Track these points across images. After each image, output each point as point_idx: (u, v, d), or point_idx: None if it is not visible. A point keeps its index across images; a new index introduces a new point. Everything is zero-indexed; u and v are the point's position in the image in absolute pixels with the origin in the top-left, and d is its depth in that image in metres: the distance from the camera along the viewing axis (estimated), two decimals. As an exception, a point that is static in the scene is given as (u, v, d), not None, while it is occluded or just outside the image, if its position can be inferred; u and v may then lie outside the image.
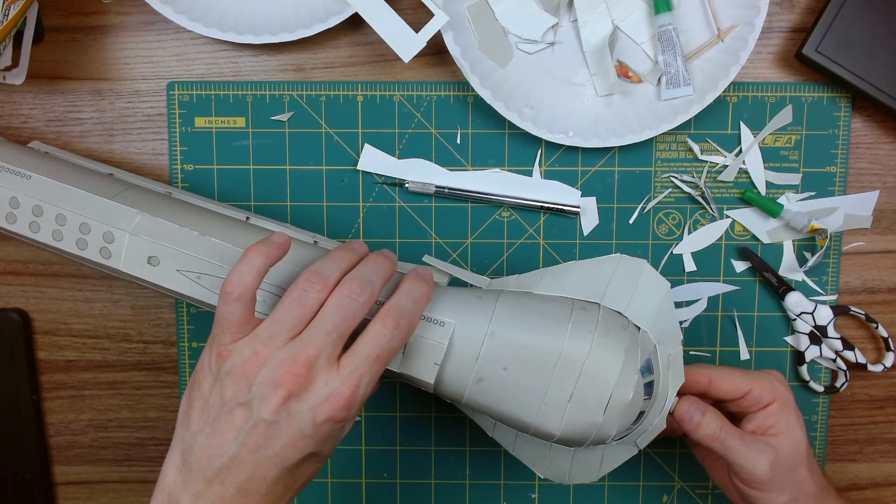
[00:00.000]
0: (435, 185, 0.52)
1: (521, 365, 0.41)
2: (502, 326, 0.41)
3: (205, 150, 0.53)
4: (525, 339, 0.41)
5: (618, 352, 0.40)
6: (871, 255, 0.53)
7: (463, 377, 0.41)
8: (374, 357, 0.37)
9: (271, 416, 0.36)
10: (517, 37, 0.50)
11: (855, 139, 0.52)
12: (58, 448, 0.57)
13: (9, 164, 0.46)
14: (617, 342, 0.41)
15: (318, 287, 0.38)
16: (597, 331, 0.41)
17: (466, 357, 0.41)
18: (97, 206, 0.45)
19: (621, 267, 0.44)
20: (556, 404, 0.40)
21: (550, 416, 0.41)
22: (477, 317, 0.42)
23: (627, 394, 0.40)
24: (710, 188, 0.52)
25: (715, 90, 0.48)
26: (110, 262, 0.44)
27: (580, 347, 0.40)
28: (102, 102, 0.53)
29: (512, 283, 0.45)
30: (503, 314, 0.42)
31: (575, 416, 0.40)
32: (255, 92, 0.52)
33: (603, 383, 0.40)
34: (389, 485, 0.56)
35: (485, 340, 0.41)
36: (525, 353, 0.41)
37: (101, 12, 0.52)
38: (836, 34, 0.49)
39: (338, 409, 0.36)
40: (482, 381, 0.41)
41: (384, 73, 0.52)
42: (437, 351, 0.41)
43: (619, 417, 0.41)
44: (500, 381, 0.41)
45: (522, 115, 0.50)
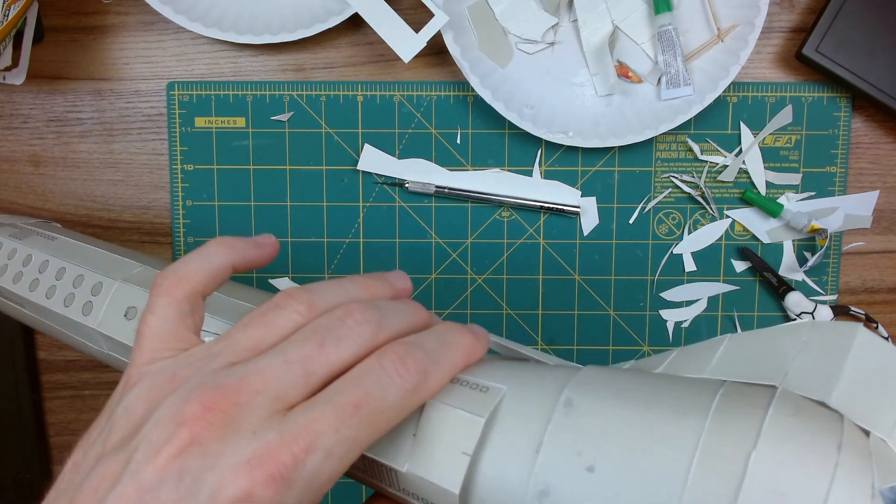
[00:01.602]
0: (435, 185, 0.52)
1: (621, 461, 0.22)
2: (587, 394, 0.24)
3: (205, 150, 0.53)
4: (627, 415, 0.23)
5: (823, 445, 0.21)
6: (871, 255, 0.53)
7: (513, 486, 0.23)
8: (350, 406, 0.22)
9: (152, 476, 0.21)
10: (517, 37, 0.50)
11: (855, 139, 0.52)
12: (58, 448, 0.57)
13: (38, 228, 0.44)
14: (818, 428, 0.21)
15: (300, 307, 0.25)
16: (773, 405, 0.22)
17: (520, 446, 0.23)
18: (102, 260, 0.39)
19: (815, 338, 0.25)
20: None
21: None
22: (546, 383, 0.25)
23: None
24: (710, 188, 0.52)
25: (715, 90, 0.48)
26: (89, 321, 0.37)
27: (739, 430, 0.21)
28: (102, 102, 0.53)
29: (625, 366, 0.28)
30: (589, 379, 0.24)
31: None
32: (255, 92, 0.52)
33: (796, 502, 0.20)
34: (389, 485, 0.56)
35: (554, 415, 0.23)
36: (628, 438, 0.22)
37: (101, 12, 0.52)
38: (837, 34, 0.49)
39: (261, 480, 0.21)
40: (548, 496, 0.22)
41: (384, 73, 0.52)
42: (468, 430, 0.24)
43: None
44: (583, 493, 0.22)
45: (522, 115, 0.50)
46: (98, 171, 0.54)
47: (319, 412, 0.22)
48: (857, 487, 0.20)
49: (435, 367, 0.24)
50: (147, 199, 0.54)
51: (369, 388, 0.22)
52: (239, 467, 0.21)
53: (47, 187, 0.54)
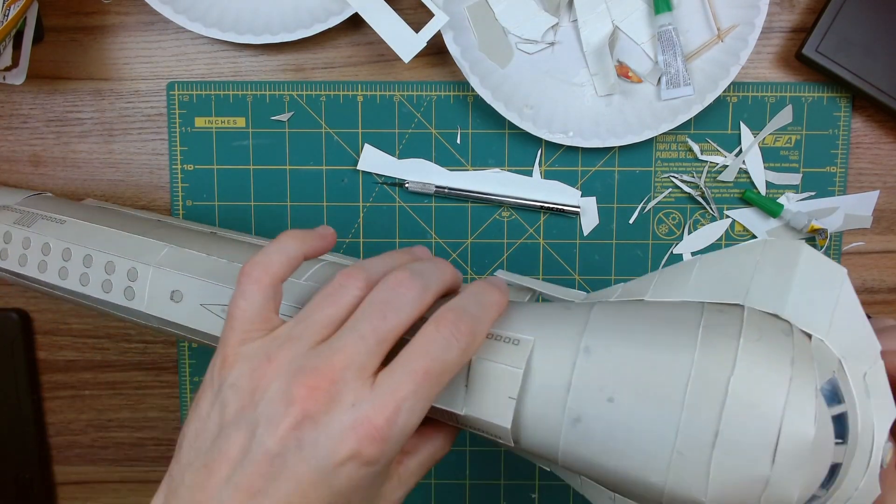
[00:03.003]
0: (435, 185, 0.52)
1: (633, 392, 0.28)
2: (601, 338, 0.29)
3: (205, 150, 0.53)
4: (635, 353, 0.29)
5: (781, 363, 0.27)
6: (871, 255, 0.53)
7: (552, 417, 0.29)
8: (421, 372, 0.27)
9: (277, 445, 0.27)
10: (517, 37, 0.50)
11: (855, 139, 0.52)
12: (58, 448, 0.57)
13: (45, 212, 0.44)
14: (777, 350, 0.27)
15: (359, 283, 0.30)
16: (742, 335, 0.27)
17: (554, 386, 0.29)
18: (124, 242, 0.40)
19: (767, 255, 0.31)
20: (695, 449, 0.27)
21: (689, 470, 0.27)
22: (565, 330, 0.30)
23: (806, 428, 0.26)
24: (710, 188, 0.52)
25: (715, 90, 0.48)
26: (134, 304, 0.39)
27: (720, 359, 0.27)
28: (102, 102, 0.53)
29: (615, 292, 0.34)
30: (601, 324, 0.30)
31: (726, 466, 0.26)
32: (255, 92, 0.52)
33: (762, 414, 0.26)
34: (389, 485, 0.56)
35: (577, 360, 0.29)
36: (637, 373, 0.28)
37: (101, 12, 0.52)
38: (837, 34, 0.49)
39: (365, 440, 0.27)
40: (580, 422, 0.29)
41: (384, 73, 0.52)
42: (510, 380, 0.30)
43: (800, 468, 0.26)
44: (607, 419, 0.28)
45: (522, 115, 0.50)
46: (98, 171, 0.54)
47: (399, 380, 0.27)
48: (805, 392, 0.26)
49: (479, 326, 0.29)
50: (147, 199, 0.54)
51: (435, 355, 0.28)
52: (346, 433, 0.27)
53: (47, 187, 0.54)
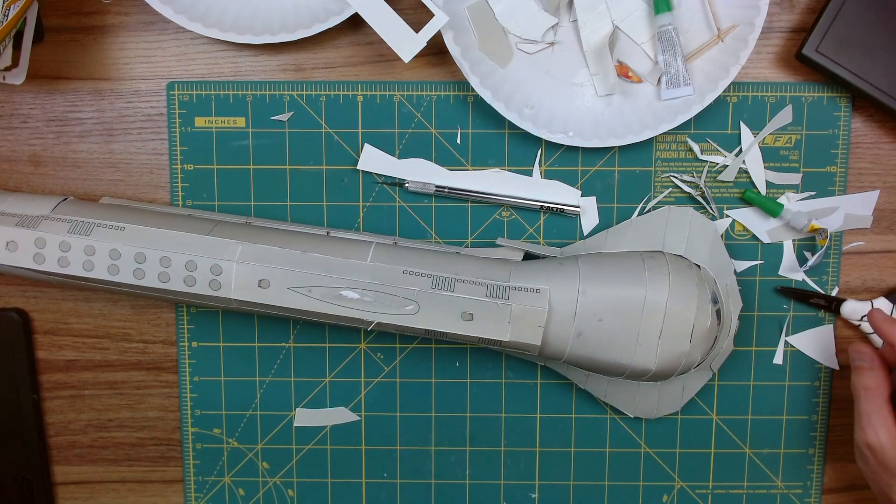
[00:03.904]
0: (435, 185, 0.52)
1: (613, 314, 0.46)
2: (590, 284, 0.47)
3: (205, 150, 0.53)
4: (613, 292, 0.47)
5: (691, 288, 0.47)
6: (871, 254, 0.53)
7: (564, 334, 0.47)
8: None
9: None
10: (517, 37, 0.50)
11: (855, 139, 0.52)
12: (58, 448, 0.57)
13: (100, 220, 0.48)
14: (688, 280, 0.47)
15: None
16: (670, 273, 0.47)
17: (565, 316, 0.47)
18: (198, 244, 0.47)
19: (671, 217, 0.51)
20: (649, 342, 0.47)
21: (645, 354, 0.47)
22: (566, 280, 0.47)
23: (706, 321, 0.47)
24: (711, 188, 0.52)
25: (715, 90, 0.48)
26: (220, 293, 0.47)
27: (660, 290, 0.47)
28: (102, 102, 0.53)
29: (580, 248, 0.52)
30: (588, 274, 0.47)
31: (666, 349, 0.47)
32: (255, 92, 0.52)
33: (685, 317, 0.47)
34: (389, 485, 0.56)
35: (578, 299, 0.47)
36: (615, 303, 0.46)
37: (101, 12, 0.52)
38: (836, 34, 0.49)
39: None
40: (581, 336, 0.47)
41: (384, 73, 0.52)
42: (539, 315, 0.46)
43: (702, 343, 0.47)
44: (598, 331, 0.47)
45: (522, 115, 0.50)
46: (98, 171, 0.54)
47: None
48: (705, 301, 0.47)
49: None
50: (147, 199, 0.54)
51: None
52: None
53: (47, 187, 0.54)
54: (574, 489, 0.56)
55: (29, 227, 0.47)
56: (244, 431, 0.55)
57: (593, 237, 0.51)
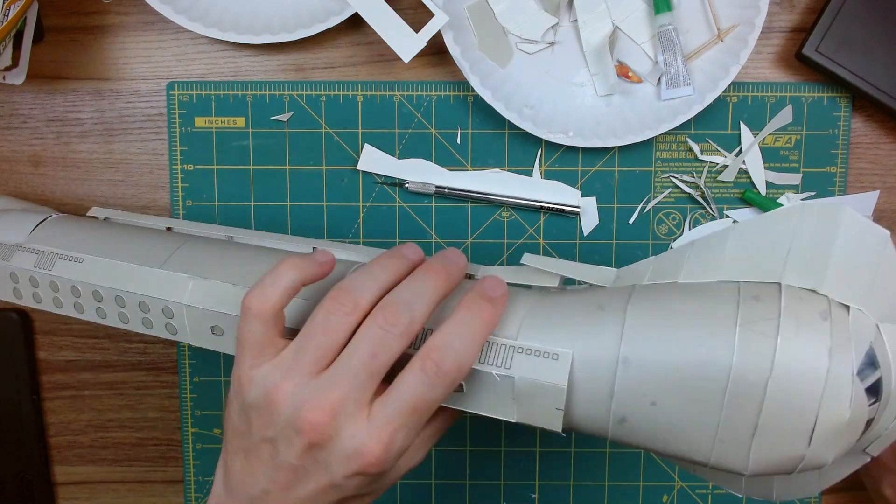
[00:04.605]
0: (435, 185, 0.52)
1: (674, 396, 0.30)
2: (637, 348, 0.31)
3: (205, 150, 0.53)
4: (672, 361, 0.30)
5: (818, 357, 0.28)
6: (871, 255, 0.53)
7: (599, 418, 0.32)
8: (409, 409, 0.31)
9: (296, 460, 0.32)
10: (517, 37, 0.50)
11: (855, 139, 0.52)
12: (58, 448, 0.57)
13: (61, 250, 0.44)
14: (815, 342, 0.28)
15: (345, 309, 0.32)
16: (780, 333, 0.28)
17: (598, 395, 0.31)
18: (149, 279, 0.41)
19: (806, 222, 0.30)
20: (736, 439, 0.29)
21: (731, 452, 0.30)
22: (601, 338, 0.31)
23: (842, 413, 0.28)
24: (710, 188, 0.52)
25: (715, 90, 0.48)
26: (179, 338, 0.41)
27: (757, 361, 0.28)
28: (102, 102, 0.53)
29: (646, 272, 0.34)
30: (637, 329, 0.31)
31: (766, 451, 0.29)
32: (255, 92, 0.52)
33: (800, 406, 0.28)
34: (389, 485, 0.56)
35: (618, 371, 0.31)
36: (676, 380, 0.30)
37: (101, 12, 0.52)
38: (837, 34, 0.49)
39: (367, 465, 0.32)
40: (626, 422, 0.31)
41: (384, 73, 0.52)
42: (555, 395, 0.32)
43: (835, 443, 0.29)
44: (651, 419, 0.31)
45: (522, 115, 0.50)
46: (98, 171, 0.54)
47: (390, 416, 0.31)
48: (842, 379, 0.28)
49: (465, 358, 0.31)
50: (147, 199, 0.54)
51: (420, 394, 0.31)
52: (349, 459, 0.31)
53: (47, 187, 0.54)
54: (574, 489, 0.56)
55: (3, 258, 0.45)
56: (244, 431, 0.55)
57: (669, 256, 0.34)
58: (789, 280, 0.30)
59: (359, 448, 0.31)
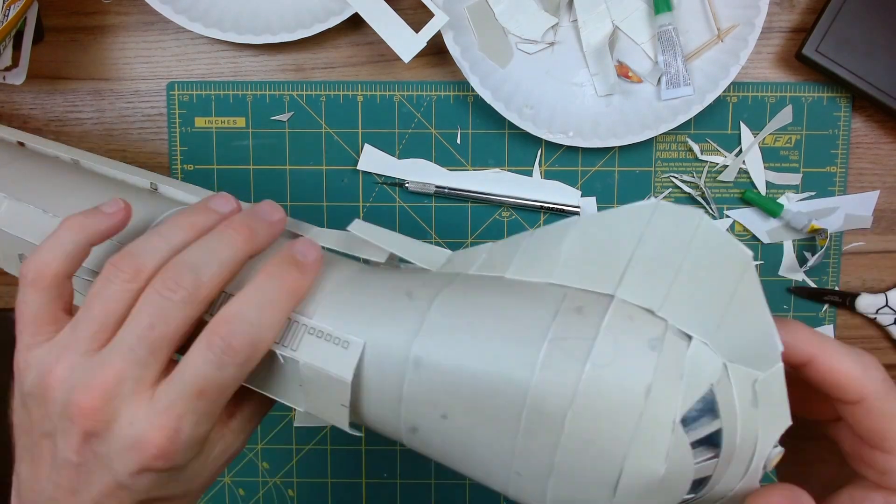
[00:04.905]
0: (435, 185, 0.52)
1: (467, 412, 0.25)
2: (433, 348, 0.26)
3: (205, 150, 0.53)
4: (467, 371, 0.25)
5: (632, 394, 0.22)
6: (871, 255, 0.53)
7: (390, 423, 0.27)
8: (195, 392, 0.27)
9: (75, 456, 0.27)
10: (517, 37, 0.50)
11: (855, 139, 0.52)
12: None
13: None
14: (632, 375, 0.23)
15: (125, 275, 0.28)
16: (591, 357, 0.23)
17: (387, 398, 0.27)
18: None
19: (656, 226, 0.25)
20: (532, 475, 0.24)
21: (527, 490, 0.25)
22: (398, 330, 0.27)
23: (654, 467, 0.23)
24: (711, 188, 0.52)
25: (715, 90, 0.48)
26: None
27: (559, 387, 0.23)
28: (102, 102, 0.53)
29: (477, 260, 0.28)
30: (437, 327, 0.26)
31: (564, 494, 0.24)
32: (255, 92, 0.52)
33: (604, 451, 0.23)
34: (389, 485, 0.56)
35: (407, 373, 0.26)
36: (470, 393, 0.25)
37: (101, 12, 0.52)
38: (837, 34, 0.49)
39: (150, 458, 0.27)
40: (417, 432, 0.27)
41: (384, 73, 0.52)
42: (339, 389, 0.27)
43: (648, 499, 0.23)
44: (442, 434, 0.26)
45: (522, 115, 0.50)
46: (98, 171, 0.54)
47: (174, 400, 0.27)
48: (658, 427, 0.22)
49: (262, 332, 0.27)
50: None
51: (208, 374, 0.27)
52: (130, 451, 0.27)
53: (47, 187, 0.54)
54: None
55: None
56: (244, 431, 0.55)
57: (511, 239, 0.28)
58: (624, 294, 0.24)
59: (139, 437, 0.26)
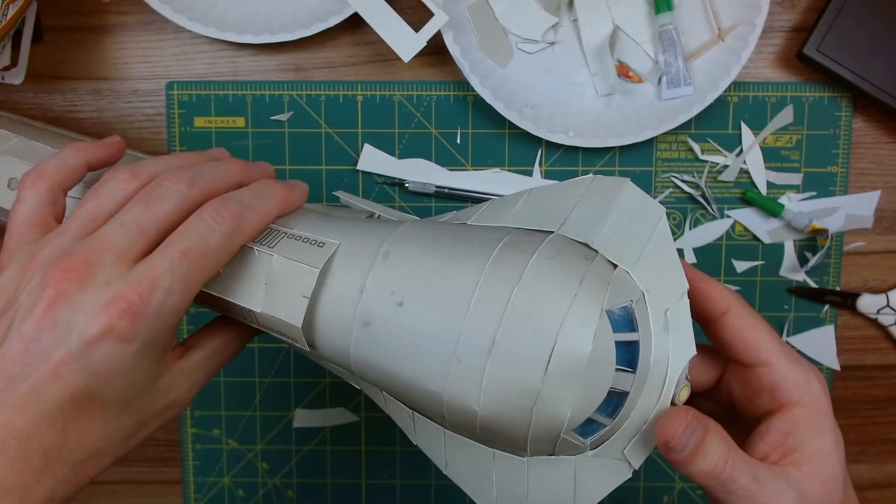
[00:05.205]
0: (435, 185, 0.52)
1: (422, 297, 0.28)
2: (400, 246, 0.30)
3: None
4: (429, 262, 0.29)
5: (568, 280, 0.27)
6: (872, 255, 0.53)
7: (344, 320, 0.29)
8: (179, 253, 0.28)
9: (32, 329, 0.27)
10: (517, 36, 0.50)
11: (856, 139, 0.52)
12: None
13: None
14: (569, 269, 0.27)
15: (124, 176, 0.30)
16: (538, 251, 0.28)
17: (350, 290, 0.29)
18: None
19: (592, 189, 0.31)
20: (473, 356, 0.27)
21: (465, 377, 0.27)
22: (371, 237, 0.30)
23: (583, 343, 0.26)
24: (711, 188, 0.52)
25: (716, 90, 0.48)
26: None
27: (509, 271, 0.27)
28: (101, 102, 0.53)
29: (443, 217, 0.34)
30: (405, 234, 0.30)
31: (500, 375, 0.26)
32: (254, 92, 0.52)
33: (541, 327, 0.26)
34: (389, 486, 0.56)
35: (374, 264, 0.29)
36: (428, 279, 0.28)
37: (100, 12, 0.52)
38: (838, 34, 0.48)
39: (116, 316, 0.27)
40: (370, 325, 0.29)
41: (384, 72, 0.52)
42: (306, 278, 0.29)
43: (574, 385, 0.26)
44: (394, 323, 0.28)
45: (522, 115, 0.49)
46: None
47: (156, 261, 0.28)
48: (589, 310, 0.26)
49: (249, 213, 0.30)
50: (146, 200, 0.54)
51: (193, 237, 0.28)
52: (98, 309, 0.27)
53: (46, 187, 0.54)
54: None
55: None
56: (243, 432, 0.55)
57: (471, 208, 0.34)
58: (565, 232, 0.29)
59: (111, 294, 0.27)
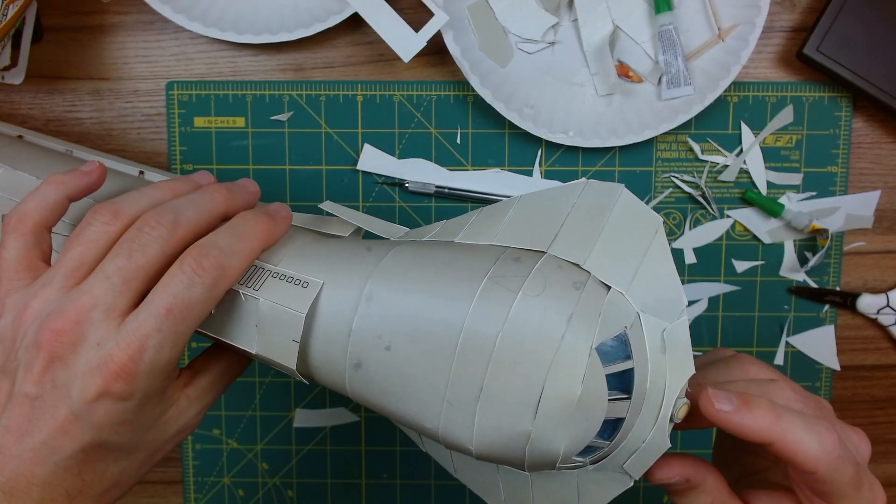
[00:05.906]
0: (435, 185, 0.52)
1: (408, 343, 0.28)
2: (384, 286, 0.29)
3: (204, 150, 0.53)
4: (412, 304, 0.28)
5: (555, 320, 0.26)
6: (872, 255, 0.53)
7: (336, 360, 0.30)
8: (164, 310, 0.28)
9: (34, 388, 0.28)
10: (517, 36, 0.50)
11: (856, 139, 0.52)
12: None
13: None
14: (556, 305, 0.26)
15: (104, 218, 0.30)
16: (523, 289, 0.27)
17: (337, 332, 0.30)
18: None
19: (586, 197, 0.30)
20: (463, 401, 0.27)
21: (457, 419, 0.27)
22: (354, 273, 0.30)
23: (572, 387, 0.26)
24: (711, 188, 0.52)
25: (716, 90, 0.48)
26: None
27: (492, 314, 0.27)
28: (101, 102, 0.53)
29: (432, 231, 0.33)
30: (390, 269, 0.30)
31: (490, 420, 0.27)
32: (254, 92, 0.52)
33: (528, 372, 0.26)
34: (389, 485, 0.56)
35: (359, 307, 0.29)
36: (412, 324, 0.28)
37: (99, 12, 0.52)
38: (838, 34, 0.48)
39: (110, 378, 0.27)
40: (361, 368, 0.29)
41: (384, 72, 0.52)
42: (294, 323, 0.30)
43: (565, 425, 0.26)
44: (384, 366, 0.29)
45: (522, 115, 0.49)
46: (97, 171, 0.53)
47: (142, 319, 0.28)
48: (577, 351, 0.26)
49: (231, 259, 0.30)
50: (146, 200, 0.54)
51: (175, 292, 0.28)
52: (92, 371, 0.28)
53: (46, 187, 0.54)
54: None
55: None
56: (243, 432, 0.55)
57: (460, 218, 0.33)
58: (555, 251, 0.28)
59: (103, 356, 0.28)
